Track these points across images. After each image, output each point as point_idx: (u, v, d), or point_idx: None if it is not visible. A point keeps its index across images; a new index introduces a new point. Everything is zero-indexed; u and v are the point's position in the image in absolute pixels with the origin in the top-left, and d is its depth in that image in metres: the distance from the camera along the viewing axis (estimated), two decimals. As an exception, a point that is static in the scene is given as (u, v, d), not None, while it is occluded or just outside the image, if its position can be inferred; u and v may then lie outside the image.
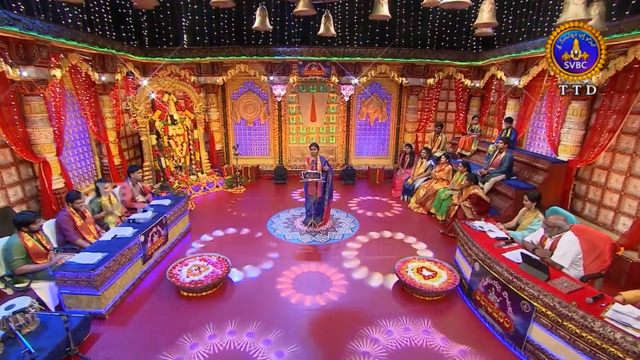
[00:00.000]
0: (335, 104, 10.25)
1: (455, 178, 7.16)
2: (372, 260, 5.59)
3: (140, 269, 4.88)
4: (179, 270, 4.83)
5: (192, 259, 5.12)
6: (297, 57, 9.11)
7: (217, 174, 9.41)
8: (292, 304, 4.47)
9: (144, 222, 5.17)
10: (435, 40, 9.51)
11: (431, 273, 4.80)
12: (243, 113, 10.15)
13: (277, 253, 5.82)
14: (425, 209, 7.56)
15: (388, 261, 5.47)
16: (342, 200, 8.39)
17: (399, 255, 5.51)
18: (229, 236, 6.46)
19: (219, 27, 9.29)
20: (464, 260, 4.69)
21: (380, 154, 10.70)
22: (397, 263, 5.05)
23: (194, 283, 4.54)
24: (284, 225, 6.92)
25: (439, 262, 5.10)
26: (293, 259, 5.66)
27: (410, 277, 4.71)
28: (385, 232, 6.63)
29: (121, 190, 5.81)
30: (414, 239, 6.33)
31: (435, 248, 6.02)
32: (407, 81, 9.54)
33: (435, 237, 6.50)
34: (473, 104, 10.06)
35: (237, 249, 5.95)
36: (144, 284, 4.87)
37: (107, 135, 7.86)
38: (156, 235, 5.29)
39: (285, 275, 5.11)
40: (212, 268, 4.88)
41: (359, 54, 9.23)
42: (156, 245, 5.30)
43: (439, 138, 8.99)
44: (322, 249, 6.01)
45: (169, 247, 5.78)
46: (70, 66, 6.69)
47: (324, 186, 6.57)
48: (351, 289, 4.82)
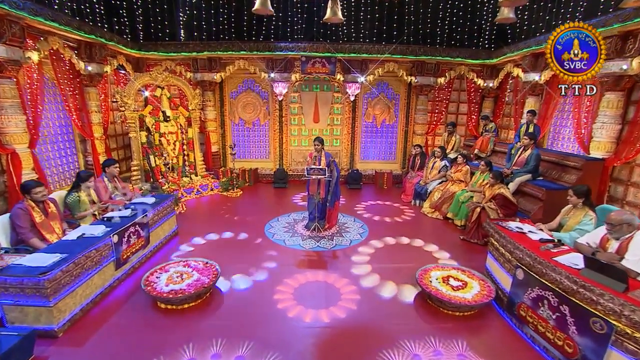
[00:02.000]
0: (340, 105, 9.55)
1: (476, 179, 6.36)
2: (386, 268, 4.74)
3: (111, 276, 4.03)
4: (158, 277, 3.98)
5: (175, 265, 4.27)
6: (300, 53, 8.45)
7: (212, 177, 8.61)
8: (292, 319, 3.61)
9: (119, 221, 4.35)
10: (446, 37, 8.89)
11: (460, 283, 3.94)
12: (242, 113, 9.43)
13: (275, 260, 4.97)
14: (441, 214, 6.73)
15: (405, 270, 4.64)
16: (348, 205, 7.57)
17: (418, 263, 4.68)
18: (221, 240, 5.62)
19: (217, 21, 8.69)
20: (500, 268, 3.85)
21: (387, 158, 9.93)
22: (418, 271, 4.21)
23: (174, 293, 3.68)
24: (284, 229, 6.09)
25: (467, 270, 4.26)
26: (294, 266, 4.81)
27: (435, 287, 3.86)
28: (399, 238, 5.79)
29: (96, 187, 5.00)
30: (433, 246, 5.49)
31: (458, 255, 5.18)
32: (417, 80, 8.86)
33: (455, 243, 5.66)
34: (486, 105, 9.36)
35: (229, 254, 5.11)
36: (116, 294, 4.01)
37: (92, 130, 7.10)
38: (134, 236, 4.46)
39: (285, 285, 4.26)
40: (197, 275, 4.03)
41: (366, 51, 8.58)
42: (134, 248, 4.46)
43: (452, 139, 8.24)
44: (328, 256, 5.16)
45: (150, 251, 4.94)
46: (52, 51, 5.99)
47: (327, 185, 5.77)
48: (364, 301, 3.96)
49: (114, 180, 5.27)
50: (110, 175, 5.21)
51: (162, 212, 5.28)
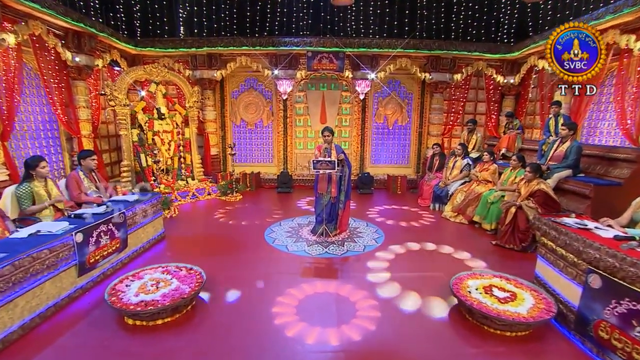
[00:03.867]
0: (349, 104, 8.85)
1: (506, 176, 5.52)
2: (408, 277, 3.88)
3: (72, 284, 3.24)
4: (128, 285, 3.18)
5: (152, 271, 3.47)
6: (306, 48, 7.82)
7: (211, 181, 7.88)
8: (292, 340, 2.77)
9: (88, 218, 3.60)
10: (462, 30, 8.23)
11: (507, 294, 3.07)
12: (243, 114, 8.77)
13: (275, 267, 4.15)
14: (466, 217, 5.87)
15: (432, 279, 3.81)
16: (359, 210, 6.74)
17: (447, 272, 3.84)
18: (212, 245, 4.82)
19: (219, 17, 8.17)
20: (560, 275, 2.98)
21: (400, 162, 9.13)
22: (453, 280, 3.35)
23: (143, 305, 2.87)
24: (287, 234, 5.28)
25: (513, 278, 3.39)
26: (298, 275, 3.98)
27: (477, 299, 2.99)
28: (420, 243, 4.93)
29: (68, 181, 4.27)
30: (462, 253, 4.63)
31: (493, 263, 4.30)
32: (431, 77, 8.15)
33: (487, 249, 4.78)
34: (506, 103, 8.57)
35: (220, 260, 4.30)
36: (77, 306, 3.20)
37: (79, 127, 6.45)
38: (106, 237, 3.69)
39: (286, 297, 3.42)
40: (176, 283, 3.23)
41: (376, 45, 7.92)
42: (105, 251, 3.68)
43: (473, 137, 7.43)
44: (339, 263, 4.32)
45: (128, 256, 4.15)
46: (34, 38, 5.42)
47: (340, 182, 4.99)
48: (384, 318, 3.10)
49: (91, 175, 4.54)
50: (87, 169, 4.48)
51: (145, 211, 4.52)
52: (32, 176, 3.72)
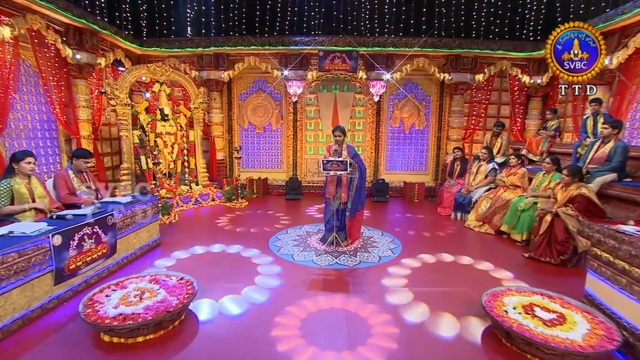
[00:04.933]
0: (363, 107, 8.50)
1: (538, 181, 5.03)
2: (431, 293, 3.42)
3: (46, 293, 2.90)
4: (108, 295, 2.82)
5: (137, 279, 3.11)
6: (318, 47, 7.53)
7: (216, 187, 7.57)
8: (296, 366, 2.35)
9: (71, 219, 3.29)
10: (483, 27, 7.83)
11: (554, 315, 2.59)
12: (251, 117, 8.50)
13: (278, 279, 3.74)
14: (492, 227, 5.37)
15: (459, 295, 3.35)
16: (374, 218, 6.31)
17: (474, 287, 3.41)
18: (212, 254, 4.45)
19: (227, 16, 7.99)
20: (623, 294, 2.48)
21: (417, 168, 8.68)
22: (485, 296, 2.88)
23: (121, 319, 2.50)
24: (294, 243, 4.87)
25: (558, 296, 2.90)
26: (303, 287, 3.56)
27: (516, 321, 2.52)
28: (442, 255, 4.46)
29: (56, 180, 3.99)
30: (489, 265, 4.14)
31: (529, 278, 3.80)
32: (451, 77, 7.74)
33: (519, 262, 4.28)
34: (532, 106, 8.07)
35: (217, 270, 3.93)
36: (51, 318, 2.85)
37: (78, 127, 6.26)
38: (91, 241, 3.36)
39: (289, 313, 3.01)
40: (163, 294, 2.85)
41: (392, 44, 7.60)
42: (89, 257, 3.35)
43: (497, 141, 6.94)
44: (350, 275, 3.89)
45: (117, 262, 3.81)
46: (32, 33, 5.26)
47: (350, 185, 4.59)
48: (406, 340, 2.65)
49: (82, 175, 4.26)
50: (78, 169, 4.21)
51: (137, 214, 4.20)
52: (15, 172, 3.45)
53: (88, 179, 4.31)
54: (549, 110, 6.74)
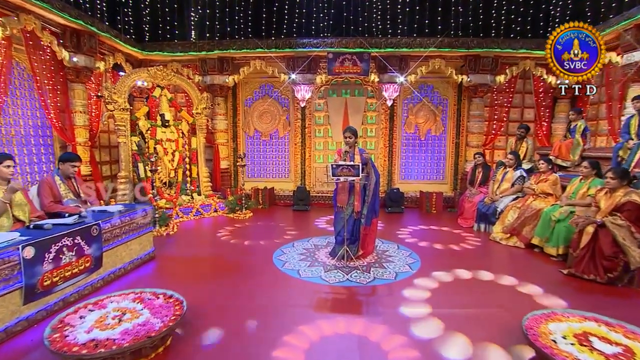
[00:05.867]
0: (375, 113, 8.18)
1: (574, 187, 4.58)
2: (458, 315, 3.00)
3: (13, 314, 2.59)
4: (83, 317, 2.49)
5: (120, 298, 2.77)
6: (327, 49, 7.29)
7: (219, 197, 7.27)
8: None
9: (50, 229, 2.99)
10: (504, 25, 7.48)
11: (619, 349, 2.15)
12: (257, 123, 8.25)
13: (281, 297, 3.37)
14: (522, 239, 4.91)
15: (491, 318, 2.94)
16: (388, 230, 5.91)
17: (508, 308, 3.00)
18: (209, 267, 4.11)
19: (232, 18, 7.81)
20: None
21: (434, 177, 8.26)
22: (525, 321, 2.45)
23: (92, 346, 2.16)
24: (300, 256, 4.50)
25: (617, 323, 2.45)
26: (310, 308, 3.17)
27: (571, 355, 2.09)
28: (467, 271, 4.03)
29: (40, 187, 3.73)
30: (524, 283, 3.69)
31: (571, 298, 3.34)
32: (469, 79, 7.39)
33: (557, 280, 3.82)
34: (560, 109, 7.63)
35: (214, 286, 3.58)
36: (17, 343, 2.53)
37: (74, 134, 6.07)
38: (71, 253, 3.06)
39: (293, 338, 2.62)
40: (146, 315, 2.51)
41: (406, 45, 7.31)
42: (69, 272, 3.04)
43: (522, 145, 6.50)
44: (363, 294, 3.49)
45: (103, 278, 3.50)
46: (27, 34, 5.13)
47: (363, 192, 4.23)
48: (431, 375, 2.24)
49: (70, 182, 3.99)
50: (65, 174, 3.95)
51: (128, 225, 3.90)
52: (-11, 175, 3.19)
53: (77, 186, 4.04)
54: (573, 110, 6.26)
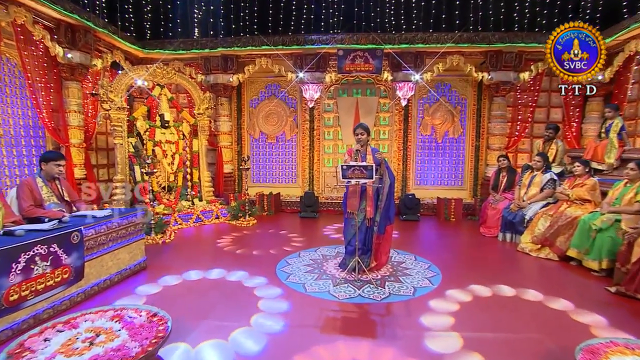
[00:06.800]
0: (388, 113, 7.83)
1: (619, 192, 4.14)
2: (490, 340, 2.61)
3: (-28, 333, 2.29)
4: (48, 339, 2.18)
5: (96, 316, 2.45)
6: (337, 46, 7.00)
7: (221, 203, 6.97)
8: None
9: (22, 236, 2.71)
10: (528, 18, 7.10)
11: None
12: (263, 125, 7.97)
13: (284, 317, 3.01)
14: (556, 251, 4.47)
15: (530, 345, 2.59)
16: (404, 240, 5.52)
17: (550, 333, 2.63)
18: (206, 281, 3.78)
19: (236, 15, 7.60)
20: None
21: (452, 182, 7.85)
22: (579, 354, 2.06)
23: (51, 377, 1.84)
24: (307, 268, 4.15)
25: (695, 356, 2.04)
26: (316, 329, 2.81)
27: (646, 398, 1.69)
28: (497, 287, 3.62)
29: (19, 189, 3.46)
30: (562, 302, 3.27)
31: (625, 322, 2.91)
32: (490, 77, 7.01)
33: (602, 299, 3.39)
34: (591, 108, 7.14)
35: (206, 302, 3.23)
36: (-25, 369, 2.23)
37: (68, 134, 5.86)
38: (45, 263, 2.76)
39: (294, 366, 2.27)
40: (124, 337, 2.18)
41: (422, 40, 6.98)
42: (41, 285, 2.74)
43: (551, 147, 6.05)
44: (377, 314, 3.11)
45: (84, 291, 3.19)
46: (17, 28, 4.95)
47: (376, 196, 3.87)
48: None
49: (54, 184, 3.73)
50: (49, 175, 3.69)
51: (116, 231, 3.60)
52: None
53: (61, 188, 3.77)
54: (609, 106, 5.76)
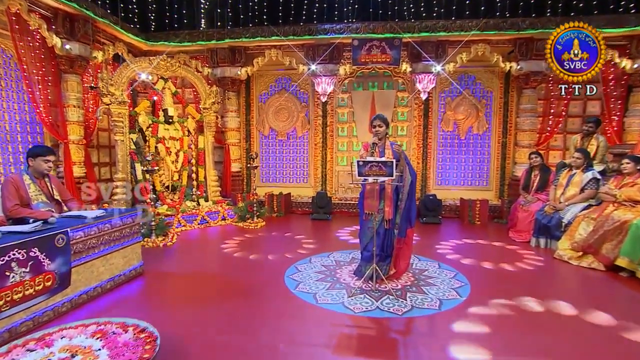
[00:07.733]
0: (407, 108, 7.47)
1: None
2: (537, 368, 2.25)
3: None
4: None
5: (75, 331, 2.20)
6: (352, 36, 6.68)
7: (228, 203, 6.73)
8: None
9: None
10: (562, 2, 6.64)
11: None
12: (273, 121, 7.70)
13: (291, 332, 2.71)
14: (601, 259, 4.05)
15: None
16: (425, 244, 5.16)
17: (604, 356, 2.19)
18: (205, 288, 3.51)
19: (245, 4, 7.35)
20: None
21: (476, 182, 7.43)
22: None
23: (8, 410, 1.57)
24: (318, 276, 3.84)
25: None
26: (328, 348, 2.50)
27: None
28: (536, 300, 3.24)
29: (4, 187, 3.26)
30: (614, 320, 2.88)
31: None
32: (519, 67, 6.58)
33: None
34: (635, 99, 6.60)
35: (205, 314, 2.95)
36: (-63, 392, 1.99)
37: (66, 130, 5.69)
38: (23, 269, 2.52)
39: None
40: (103, 357, 1.92)
41: (443, 28, 6.61)
42: (20, 293, 2.50)
43: (592, 142, 5.59)
44: (398, 330, 2.78)
45: (69, 300, 2.95)
46: (12, 17, 4.79)
47: (396, 195, 3.54)
48: None
49: (42, 182, 3.52)
50: (37, 172, 3.49)
51: (109, 234, 3.36)
52: None
53: (50, 186, 3.56)
54: None
